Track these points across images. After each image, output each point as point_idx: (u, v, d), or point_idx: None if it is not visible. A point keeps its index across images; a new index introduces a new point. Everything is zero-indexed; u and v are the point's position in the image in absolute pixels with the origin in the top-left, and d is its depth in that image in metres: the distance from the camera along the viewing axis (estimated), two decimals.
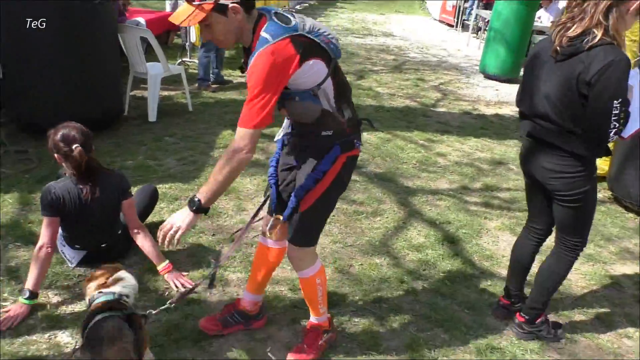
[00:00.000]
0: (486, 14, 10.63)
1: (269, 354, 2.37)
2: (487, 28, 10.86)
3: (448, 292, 2.94)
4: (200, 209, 1.85)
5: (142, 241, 2.77)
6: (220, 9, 1.79)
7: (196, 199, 1.84)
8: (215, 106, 6.03)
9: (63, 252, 2.88)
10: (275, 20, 1.85)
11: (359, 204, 3.91)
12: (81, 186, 2.64)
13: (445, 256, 3.30)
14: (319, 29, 1.90)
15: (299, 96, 1.91)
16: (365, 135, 5.40)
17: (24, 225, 3.23)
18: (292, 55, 1.79)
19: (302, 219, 2.11)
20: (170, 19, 1.84)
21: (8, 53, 4.26)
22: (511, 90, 8.03)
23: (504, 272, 3.17)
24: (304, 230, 2.15)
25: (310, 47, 1.84)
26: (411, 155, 5.00)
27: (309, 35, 1.85)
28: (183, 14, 1.80)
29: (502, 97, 7.71)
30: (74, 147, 2.55)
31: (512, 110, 7.11)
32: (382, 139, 5.35)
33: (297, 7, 15.79)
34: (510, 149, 5.47)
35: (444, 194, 4.24)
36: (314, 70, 1.87)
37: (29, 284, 2.49)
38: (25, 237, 3.10)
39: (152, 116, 5.26)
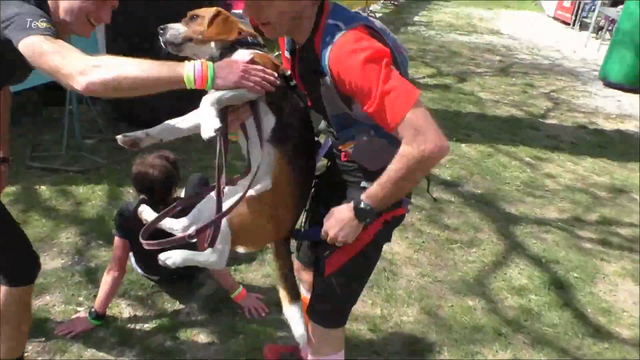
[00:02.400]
0: (612, 12, 9.57)
1: None
2: (610, 28, 9.83)
3: (555, 352, 2.51)
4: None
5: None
6: None
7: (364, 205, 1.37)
8: None
9: (136, 270, 2.76)
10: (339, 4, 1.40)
11: (453, 230, 3.53)
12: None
13: (552, 305, 2.85)
14: (386, 30, 1.42)
15: (374, 130, 1.39)
16: (463, 148, 4.95)
17: (108, 222, 3.21)
18: (382, 44, 1.29)
19: (327, 287, 1.58)
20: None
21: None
22: (636, 102, 7.11)
23: (624, 332, 2.68)
24: (331, 302, 1.59)
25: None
26: (515, 175, 4.49)
27: (381, 33, 1.37)
28: None
29: (625, 110, 6.85)
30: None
31: (636, 125, 6.27)
32: (483, 153, 4.87)
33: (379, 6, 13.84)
34: (634, 174, 4.77)
35: (552, 225, 3.73)
36: None
37: (96, 303, 2.39)
38: (107, 236, 3.06)
39: None
